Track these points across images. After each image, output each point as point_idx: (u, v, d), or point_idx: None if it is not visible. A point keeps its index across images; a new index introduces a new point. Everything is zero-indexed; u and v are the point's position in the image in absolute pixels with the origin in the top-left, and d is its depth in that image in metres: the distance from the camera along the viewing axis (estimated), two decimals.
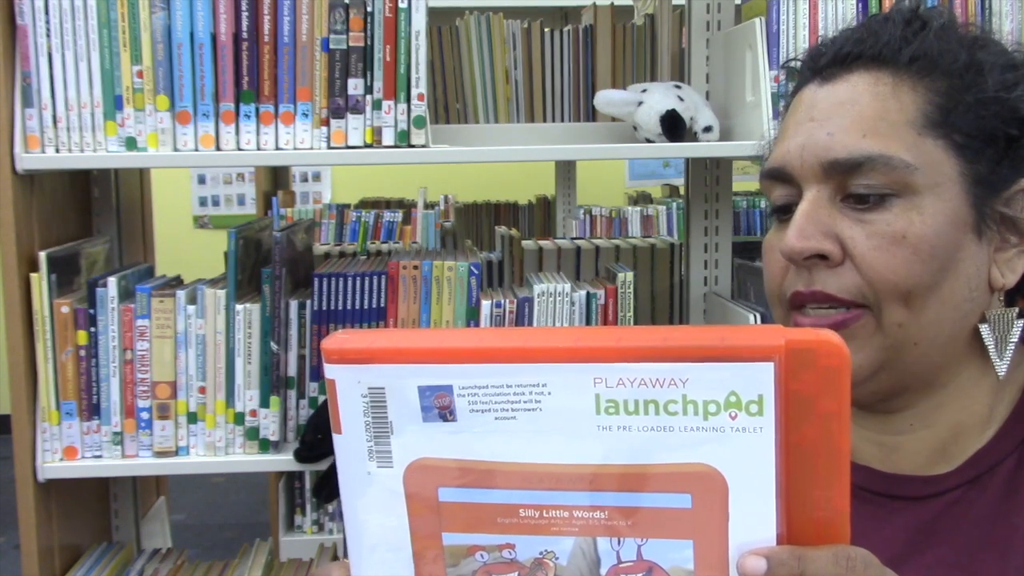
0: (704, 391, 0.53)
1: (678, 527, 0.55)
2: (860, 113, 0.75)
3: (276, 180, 3.44)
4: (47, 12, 1.53)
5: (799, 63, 0.84)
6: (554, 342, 0.55)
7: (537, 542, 0.57)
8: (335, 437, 0.58)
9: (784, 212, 0.79)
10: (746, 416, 0.53)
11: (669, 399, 0.53)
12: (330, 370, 0.56)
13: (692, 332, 0.54)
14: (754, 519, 0.54)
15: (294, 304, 1.67)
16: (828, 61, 0.79)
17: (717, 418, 0.53)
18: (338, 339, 0.56)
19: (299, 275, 1.78)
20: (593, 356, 0.54)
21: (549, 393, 0.54)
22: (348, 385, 0.56)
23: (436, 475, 0.57)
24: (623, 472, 0.55)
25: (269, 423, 1.64)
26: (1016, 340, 0.77)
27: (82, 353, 1.59)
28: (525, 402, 0.55)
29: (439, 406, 0.56)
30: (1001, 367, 0.77)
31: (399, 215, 3.41)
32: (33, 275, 1.57)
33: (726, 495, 0.54)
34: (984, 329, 0.77)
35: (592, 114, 2.05)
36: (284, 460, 1.65)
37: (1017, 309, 0.77)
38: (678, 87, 1.74)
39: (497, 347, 0.55)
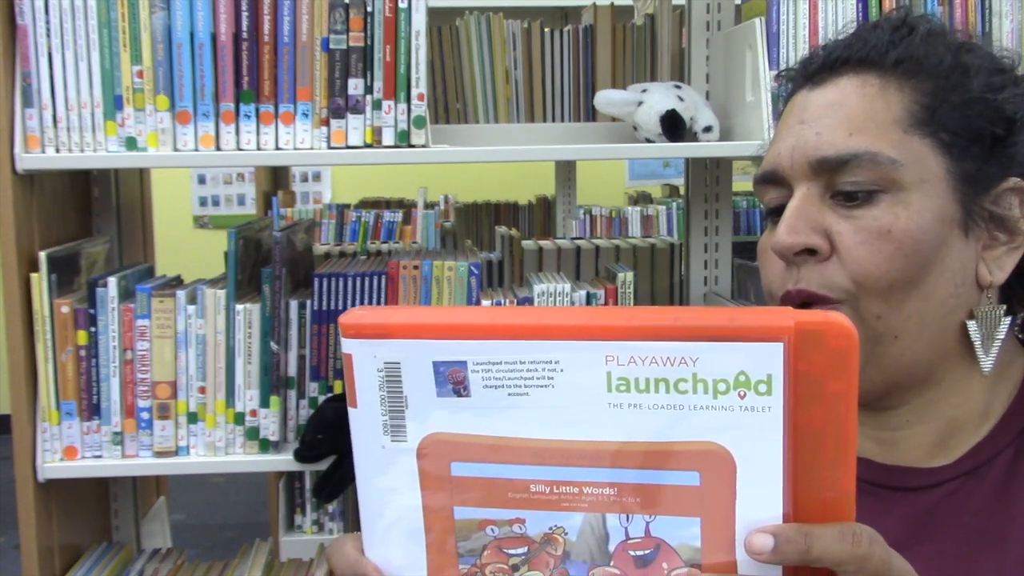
0: (714, 370, 0.53)
1: (686, 504, 0.56)
2: (847, 113, 0.77)
3: (276, 180, 3.44)
4: (47, 12, 1.53)
5: (792, 72, 0.86)
6: (567, 320, 0.56)
7: (547, 517, 0.58)
8: (350, 411, 0.59)
9: (777, 214, 0.80)
10: (755, 396, 0.53)
11: (680, 377, 0.54)
12: (347, 345, 0.57)
13: (703, 312, 0.55)
14: (761, 498, 0.55)
15: (294, 304, 1.67)
16: (818, 67, 0.81)
17: (726, 397, 0.54)
18: (355, 315, 0.57)
19: (299, 275, 1.78)
20: (605, 334, 0.54)
21: (561, 370, 0.55)
22: (364, 360, 0.57)
23: (449, 450, 0.58)
24: (633, 449, 0.55)
25: (269, 423, 1.64)
26: (1002, 337, 0.78)
27: (82, 353, 1.59)
28: (538, 378, 0.55)
29: (453, 381, 0.56)
30: (986, 363, 0.78)
31: (399, 215, 3.41)
32: (33, 275, 1.57)
33: (734, 474, 0.55)
34: (972, 325, 0.78)
35: (592, 114, 2.05)
36: (284, 460, 1.65)
37: (1004, 307, 0.78)
38: (678, 87, 1.74)
39: (511, 324, 0.56)
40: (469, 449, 0.57)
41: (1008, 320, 0.78)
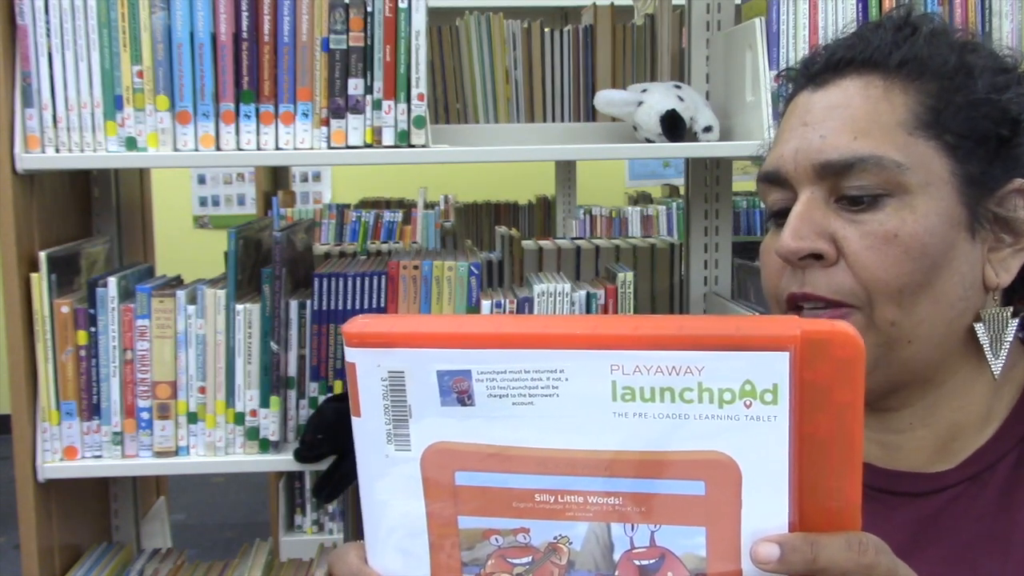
0: (719, 379, 0.53)
1: (691, 514, 0.56)
2: (851, 116, 0.76)
3: (276, 180, 3.44)
4: (47, 12, 1.53)
5: (793, 72, 0.85)
6: (572, 328, 0.56)
7: (552, 527, 0.58)
8: (354, 420, 0.59)
9: (780, 216, 0.80)
10: (761, 405, 0.53)
11: (685, 387, 0.54)
12: (350, 353, 0.57)
13: (708, 321, 0.55)
14: (767, 507, 0.55)
15: (294, 304, 1.67)
16: (820, 67, 0.81)
17: (732, 407, 0.54)
18: (359, 323, 0.57)
19: (299, 275, 1.78)
20: (610, 343, 0.54)
21: (566, 379, 0.55)
22: (368, 369, 0.57)
23: (453, 459, 0.58)
24: (638, 459, 0.55)
25: (269, 423, 1.64)
26: (1011, 339, 0.78)
27: (82, 353, 1.59)
28: (542, 388, 0.55)
29: (457, 390, 0.56)
30: (996, 366, 0.78)
31: (399, 215, 3.41)
32: (33, 275, 1.57)
33: (739, 483, 0.55)
34: (979, 328, 0.77)
35: (592, 114, 2.05)
36: (284, 460, 1.65)
37: (1011, 308, 0.78)
38: (678, 87, 1.74)
39: (516, 332, 0.56)
40: (473, 458, 0.57)
41: (1015, 322, 0.78)
